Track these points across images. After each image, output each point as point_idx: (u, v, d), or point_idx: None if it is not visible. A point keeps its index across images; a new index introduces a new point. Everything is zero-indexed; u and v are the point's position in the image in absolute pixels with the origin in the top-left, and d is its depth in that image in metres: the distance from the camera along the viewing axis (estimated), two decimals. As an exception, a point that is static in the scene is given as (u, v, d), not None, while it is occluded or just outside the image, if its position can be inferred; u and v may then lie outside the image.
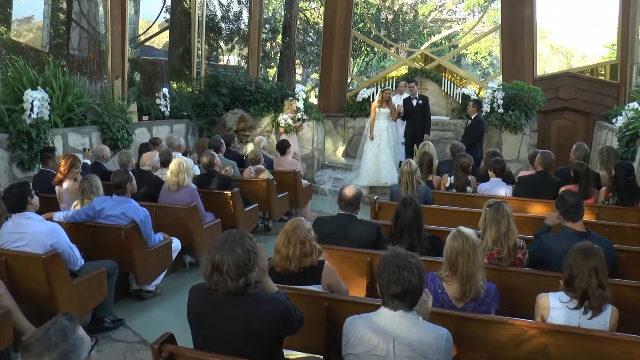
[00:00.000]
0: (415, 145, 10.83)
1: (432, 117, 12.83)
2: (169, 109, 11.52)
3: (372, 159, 10.99)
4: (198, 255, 6.80)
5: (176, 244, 6.29)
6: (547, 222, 4.76)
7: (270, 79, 23.43)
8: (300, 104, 12.02)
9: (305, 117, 12.00)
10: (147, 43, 18.98)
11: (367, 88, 14.22)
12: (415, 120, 10.99)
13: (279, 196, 8.69)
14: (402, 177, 6.21)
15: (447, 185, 7.18)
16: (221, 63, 21.31)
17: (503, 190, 6.83)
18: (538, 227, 4.91)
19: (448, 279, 3.57)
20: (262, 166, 8.67)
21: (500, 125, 11.95)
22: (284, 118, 11.36)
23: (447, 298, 3.56)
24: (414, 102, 11.06)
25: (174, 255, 6.23)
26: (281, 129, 11.43)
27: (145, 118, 10.90)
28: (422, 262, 2.93)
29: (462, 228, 3.63)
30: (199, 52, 14.38)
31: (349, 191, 4.84)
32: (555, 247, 4.32)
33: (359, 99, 14.10)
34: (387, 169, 10.82)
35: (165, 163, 7.44)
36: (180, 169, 6.58)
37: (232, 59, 26.11)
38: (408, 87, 11.33)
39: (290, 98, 11.72)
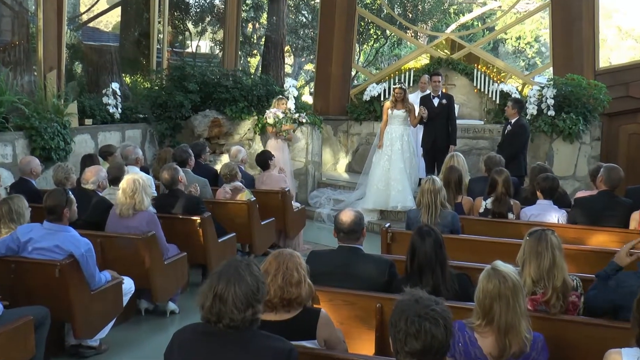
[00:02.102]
0: (436, 158, 10.91)
1: (461, 122, 12.91)
2: (120, 110, 11.58)
3: (381, 175, 11.07)
4: (157, 300, 6.79)
5: (128, 285, 6.28)
6: (616, 261, 4.53)
7: (253, 71, 23.57)
8: (291, 104, 12.11)
9: (305, 120, 12.02)
10: (91, 24, 19.13)
11: (377, 83, 14.35)
12: (437, 125, 11.07)
13: (262, 223, 8.71)
14: (423, 198, 6.25)
15: (482, 210, 7.21)
16: (189, 50, 21.46)
17: (555, 215, 6.87)
18: (601, 263, 4.92)
19: (481, 329, 3.58)
20: (240, 184, 8.69)
21: (550, 132, 11.99)
22: (273, 112, 11.37)
23: (480, 353, 3.56)
24: (435, 101, 11.13)
25: (126, 300, 6.22)
26: (270, 129, 11.42)
27: (88, 122, 10.94)
28: (449, 310, 2.95)
29: (500, 265, 3.65)
30: (160, 36, 14.49)
31: (346, 216, 4.87)
32: (629, 290, 4.19)
33: (366, 97, 14.22)
34: (397, 189, 10.88)
35: (115, 180, 7.45)
36: (136, 188, 6.59)
37: (203, 45, 26.27)
38: (431, 82, 11.35)
39: (280, 96, 11.80)
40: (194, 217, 7.35)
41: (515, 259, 4.35)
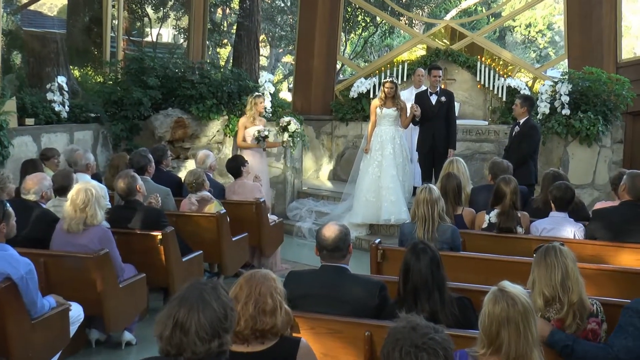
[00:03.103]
0: (434, 164, 10.94)
1: (462, 122, 12.97)
2: (67, 108, 11.49)
3: (370, 184, 11.07)
4: (111, 329, 6.74)
5: (76, 312, 6.24)
6: None
7: (223, 63, 23.56)
8: (267, 102, 12.10)
9: (297, 128, 11.77)
10: (32, 7, 18.98)
11: (366, 78, 14.42)
12: (435, 126, 11.15)
13: (233, 239, 8.70)
14: (418, 209, 6.26)
15: (485, 224, 7.25)
16: (148, 39, 21.41)
17: (570, 229, 6.92)
18: (624, 284, 4.94)
19: (486, 359, 3.59)
20: (209, 194, 8.68)
21: (565, 134, 12.02)
22: (254, 131, 11.02)
23: (484, 387, 3.58)
24: (433, 98, 11.20)
25: (73, 329, 6.17)
26: (243, 141, 11.21)
27: (29, 122, 10.85)
28: (449, 338, 2.95)
29: (507, 285, 3.66)
30: (115, 22, 14.45)
31: (330, 231, 4.87)
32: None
33: (353, 94, 14.27)
34: (390, 199, 10.88)
35: (61, 190, 7.40)
36: (87, 199, 6.54)
37: (165, 33, 26.22)
38: (431, 76, 11.38)
39: (257, 94, 11.75)
40: (155, 233, 7.31)
41: (526, 281, 4.36)
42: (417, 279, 4.50)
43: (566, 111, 12.02)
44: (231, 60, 19.66)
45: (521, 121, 10.12)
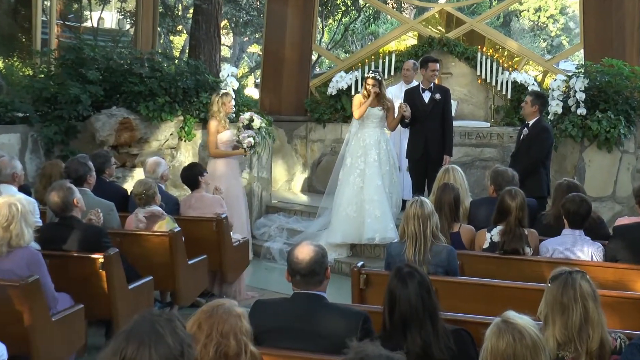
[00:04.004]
0: (427, 174, 10.96)
1: (460, 123, 13.04)
2: (-12, 106, 11.43)
3: (351, 197, 11.05)
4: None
5: (0, 351, 6.18)
6: None
7: (177, 54, 23.52)
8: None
9: (262, 124, 11.75)
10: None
11: (347, 72, 14.46)
12: (428, 128, 11.14)
13: (190, 263, 8.67)
14: (408, 226, 6.28)
15: (487, 243, 7.29)
16: (87, 25, 21.35)
17: (586, 250, 6.96)
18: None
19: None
20: (160, 209, 8.65)
21: (581, 137, 12.00)
22: (247, 135, 11.10)
23: None
24: (426, 95, 11.19)
25: (-4, 371, 6.12)
26: (215, 125, 11.19)
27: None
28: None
29: (513, 316, 3.68)
30: (47, 3, 14.37)
31: (304, 253, 4.88)
32: None
33: (331, 90, 14.30)
34: (374, 214, 10.85)
35: (-19, 204, 7.35)
36: (12, 215, 6.49)
37: (107, 17, 26.14)
38: (427, 70, 11.34)
39: (223, 91, 11.73)
40: (95, 256, 7.26)
41: (535, 310, 4.37)
42: (405, 309, 4.51)
43: (582, 110, 12.01)
44: (187, 51, 19.62)
45: (531, 122, 10.15)
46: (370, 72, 11.33)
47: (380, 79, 11.07)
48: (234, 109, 11.96)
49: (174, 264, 8.37)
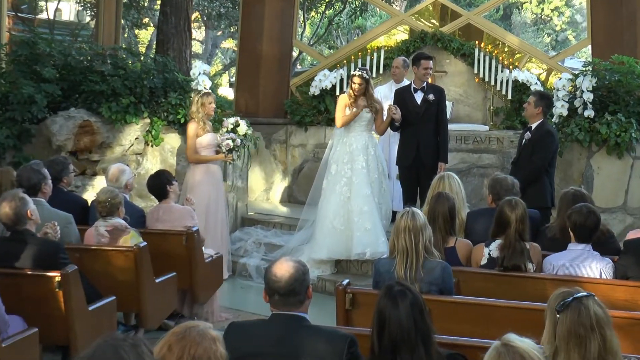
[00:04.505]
0: (419, 182, 10.97)
1: (456, 127, 13.07)
2: None
3: (338, 207, 11.06)
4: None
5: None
6: None
7: (143, 49, 23.48)
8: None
9: (248, 130, 11.74)
10: None
11: (331, 70, 14.48)
12: (420, 132, 11.12)
13: (157, 281, 8.65)
14: (398, 240, 6.28)
15: (485, 259, 7.30)
16: (43, 17, 21.29)
17: (595, 266, 6.96)
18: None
19: None
20: (124, 222, 8.63)
21: (588, 142, 12.00)
22: (226, 137, 11.13)
23: None
24: (418, 96, 11.18)
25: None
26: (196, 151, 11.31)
27: None
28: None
29: (514, 339, 3.69)
30: (-3, -7, 14.33)
31: (283, 269, 4.87)
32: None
33: (314, 90, 14.32)
34: (365, 227, 10.87)
35: None
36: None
37: (64, 8, 26.07)
38: (419, 68, 11.34)
39: (205, 91, 11.72)
40: (51, 274, 7.22)
41: (538, 333, 4.36)
42: (395, 331, 4.52)
43: (589, 112, 12.00)
44: (154, 46, 19.63)
45: (534, 125, 10.16)
46: (357, 69, 11.34)
47: (367, 77, 11.07)
48: (215, 111, 11.93)
49: (140, 283, 8.34)
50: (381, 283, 6.21)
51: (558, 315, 4.27)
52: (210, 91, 11.65)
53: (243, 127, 11.56)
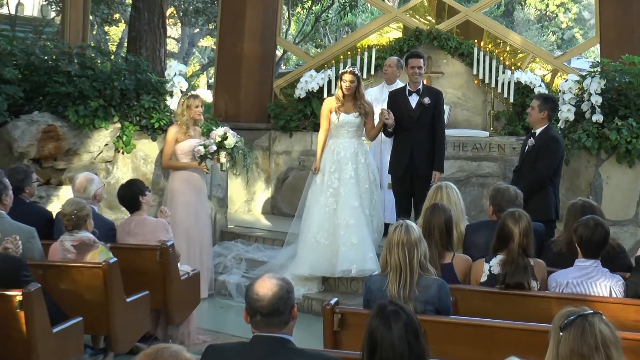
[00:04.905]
0: (413, 192, 10.98)
1: (454, 132, 13.11)
2: None
3: (323, 220, 11.06)
4: None
5: None
6: None
7: (114, 48, 23.46)
8: (174, 103, 12.06)
9: (238, 142, 11.67)
10: None
11: (318, 70, 14.52)
12: (415, 139, 11.13)
13: (128, 300, 8.63)
14: (391, 256, 6.28)
15: (485, 276, 7.31)
16: (3, 12, 21.26)
17: (604, 283, 6.96)
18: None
19: None
20: (92, 236, 8.60)
21: (597, 149, 11.97)
22: (204, 145, 11.05)
23: None
24: (413, 99, 11.19)
25: None
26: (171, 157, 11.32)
27: None
28: None
29: (516, 363, 3.71)
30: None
31: (265, 288, 4.86)
32: None
33: (299, 93, 14.36)
34: (351, 242, 10.84)
35: None
36: None
37: (27, 3, 26.05)
38: (408, 67, 11.31)
39: (192, 93, 11.70)
40: (12, 292, 7.20)
41: (541, 355, 4.39)
42: (388, 355, 4.51)
43: (598, 117, 11.98)
44: (125, 44, 19.62)
45: (538, 131, 10.19)
46: (347, 67, 11.34)
47: (359, 74, 11.11)
48: (202, 116, 11.84)
49: (109, 302, 8.32)
50: (372, 302, 6.21)
51: (561, 334, 4.28)
52: (197, 94, 11.67)
53: (231, 139, 11.40)
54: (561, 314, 4.36)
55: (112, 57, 13.94)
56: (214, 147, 10.91)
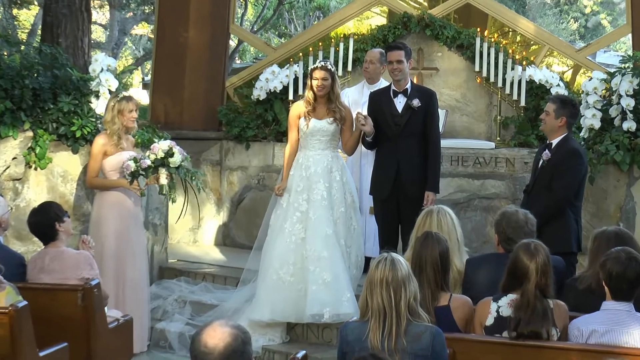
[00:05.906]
0: (400, 218, 11.00)
1: (451, 143, 13.17)
2: None
3: (286, 252, 11.04)
4: None
5: None
6: None
7: (24, 36, 23.44)
8: (101, 106, 12.04)
9: (184, 161, 11.67)
10: None
11: (282, 66, 14.59)
12: (402, 150, 11.16)
13: (42, 354, 8.58)
14: (372, 297, 6.29)
15: (490, 320, 7.31)
16: None
17: (637, 332, 6.96)
18: None
19: None
20: (-3, 274, 8.60)
21: (628, 164, 12.00)
22: (135, 159, 11.04)
23: None
24: (399, 101, 11.22)
25: None
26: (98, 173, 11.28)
27: None
28: None
29: None
30: None
31: (215, 338, 4.83)
32: None
33: (258, 94, 14.40)
34: (322, 279, 10.80)
35: None
36: None
37: None
38: (387, 63, 11.39)
39: (124, 95, 11.70)
40: None
41: None
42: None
43: (630, 124, 12.03)
44: (39, 32, 19.59)
45: (554, 142, 10.24)
46: (318, 61, 11.33)
47: (333, 70, 11.10)
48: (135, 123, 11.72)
49: (17, 356, 8.29)
50: (349, 355, 6.24)
51: None
52: (131, 95, 11.62)
53: (178, 157, 11.23)
54: None
55: (23, 48, 13.91)
56: (148, 162, 10.80)
